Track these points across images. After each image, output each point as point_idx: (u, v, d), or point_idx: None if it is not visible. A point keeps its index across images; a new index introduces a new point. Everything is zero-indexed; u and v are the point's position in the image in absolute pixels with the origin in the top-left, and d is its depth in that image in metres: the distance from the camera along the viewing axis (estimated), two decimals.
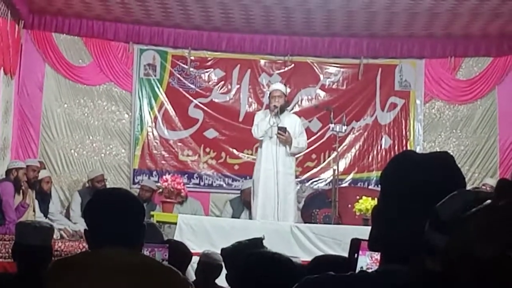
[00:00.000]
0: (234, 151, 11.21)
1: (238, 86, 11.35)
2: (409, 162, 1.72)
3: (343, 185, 10.76)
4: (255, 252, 3.26)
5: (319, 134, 11.18)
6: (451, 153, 1.77)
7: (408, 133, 11.28)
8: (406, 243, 1.56)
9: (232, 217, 10.05)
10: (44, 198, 9.61)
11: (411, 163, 1.71)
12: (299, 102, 11.36)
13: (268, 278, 3.03)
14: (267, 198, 8.86)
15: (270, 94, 9.25)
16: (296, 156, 9.69)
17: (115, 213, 2.72)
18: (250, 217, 9.46)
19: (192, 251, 5.35)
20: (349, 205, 9.16)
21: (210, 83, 11.35)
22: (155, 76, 11.23)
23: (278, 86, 9.48)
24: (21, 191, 9.06)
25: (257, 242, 4.10)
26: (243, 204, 10.28)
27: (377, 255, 1.86)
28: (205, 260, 5.83)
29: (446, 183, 1.61)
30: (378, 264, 1.76)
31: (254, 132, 9.10)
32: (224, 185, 11.19)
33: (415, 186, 1.65)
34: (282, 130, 8.86)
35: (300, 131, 9.22)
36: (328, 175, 10.97)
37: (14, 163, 9.39)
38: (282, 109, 9.04)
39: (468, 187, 1.72)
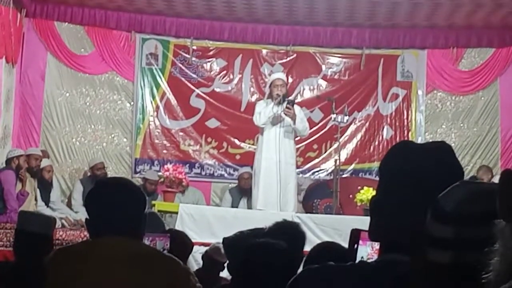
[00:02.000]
0: (236, 140, 11.20)
1: (240, 75, 11.33)
2: (406, 152, 1.72)
3: (345, 175, 10.77)
4: (256, 242, 3.27)
5: (320, 124, 11.16)
6: (453, 144, 1.78)
7: (409, 123, 11.26)
8: (405, 233, 1.56)
9: (232, 205, 10.06)
10: (45, 187, 9.59)
11: (409, 153, 1.71)
12: (301, 92, 11.33)
13: (269, 267, 3.04)
14: (269, 188, 8.85)
15: (271, 83, 9.18)
16: (298, 146, 9.62)
17: (116, 203, 2.72)
18: (249, 206, 9.48)
19: (193, 240, 5.37)
20: (351, 196, 9.15)
21: (212, 72, 11.33)
22: (157, 65, 11.20)
23: (280, 75, 9.50)
24: (20, 179, 9.04)
25: (259, 232, 4.10)
26: (240, 191, 10.29)
27: (377, 245, 1.86)
28: (214, 257, 5.83)
29: (443, 172, 1.61)
30: (378, 254, 1.76)
31: (256, 119, 9.05)
32: (226, 174, 11.18)
33: (413, 176, 1.65)
34: (291, 103, 8.82)
35: (301, 115, 9.17)
36: (329, 165, 10.98)
37: (14, 151, 9.34)
38: (283, 98, 9.01)
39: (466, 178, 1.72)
